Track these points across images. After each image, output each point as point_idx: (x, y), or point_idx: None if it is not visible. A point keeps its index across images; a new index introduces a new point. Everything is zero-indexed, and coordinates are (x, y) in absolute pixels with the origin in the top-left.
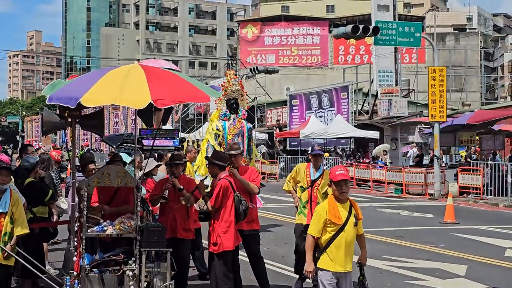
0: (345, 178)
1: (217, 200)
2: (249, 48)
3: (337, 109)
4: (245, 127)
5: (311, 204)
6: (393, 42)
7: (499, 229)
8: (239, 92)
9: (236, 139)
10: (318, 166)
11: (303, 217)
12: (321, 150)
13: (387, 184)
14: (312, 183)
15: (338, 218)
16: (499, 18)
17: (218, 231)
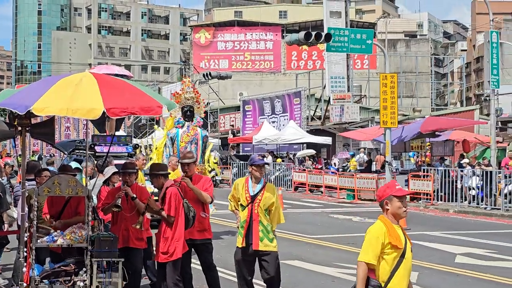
0: (407, 193)
1: (171, 208)
2: (202, 53)
3: (290, 114)
4: (200, 134)
5: (250, 223)
6: (345, 49)
7: (449, 235)
8: (193, 99)
9: (189, 147)
10: (258, 179)
11: (240, 238)
12: (262, 159)
13: (339, 189)
14: (252, 199)
15: (399, 241)
16: (449, 24)
17: (171, 239)
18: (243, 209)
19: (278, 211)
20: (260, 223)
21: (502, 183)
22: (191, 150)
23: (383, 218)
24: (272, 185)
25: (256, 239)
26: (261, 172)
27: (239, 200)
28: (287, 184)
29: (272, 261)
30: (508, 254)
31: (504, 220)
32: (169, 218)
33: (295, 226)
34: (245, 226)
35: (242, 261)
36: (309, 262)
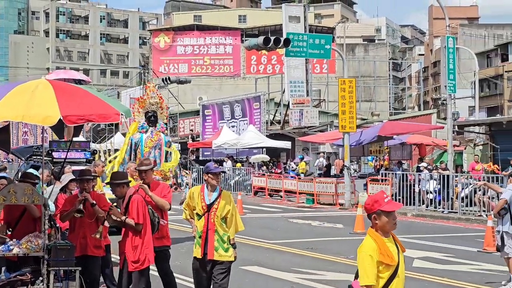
0: (398, 208)
1: (139, 216)
2: (162, 57)
3: (249, 119)
4: (163, 140)
5: (207, 233)
6: (304, 54)
7: (407, 238)
8: (158, 104)
9: (153, 152)
10: (214, 187)
11: (198, 248)
12: (218, 167)
13: (298, 194)
14: (209, 208)
15: (391, 258)
16: (407, 29)
17: (141, 247)
18: (199, 218)
19: (235, 219)
20: (216, 232)
21: (459, 186)
22: (148, 157)
23: (372, 233)
24: (228, 193)
25: (211, 248)
26: (217, 180)
27: (194, 209)
28: (246, 189)
29: (224, 272)
30: (465, 258)
31: (461, 223)
32: (137, 226)
33: (255, 231)
34: (202, 236)
35: (200, 271)
36: (268, 267)
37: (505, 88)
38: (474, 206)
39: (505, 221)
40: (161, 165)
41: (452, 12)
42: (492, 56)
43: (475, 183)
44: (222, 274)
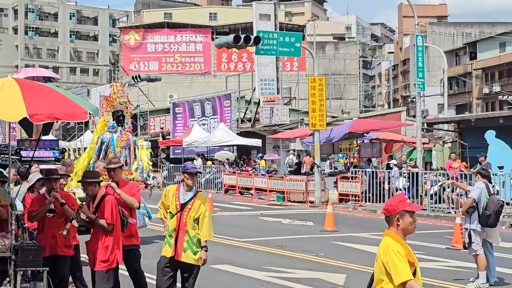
0: (420, 208)
1: (112, 217)
2: (132, 55)
3: (220, 117)
4: (131, 139)
5: (178, 233)
6: (274, 52)
7: (377, 236)
8: (126, 104)
9: (123, 152)
10: (190, 187)
11: (168, 248)
12: (195, 167)
13: (269, 192)
14: (182, 208)
15: (415, 258)
16: (377, 27)
17: (111, 247)
18: (172, 217)
19: (207, 222)
20: (187, 233)
21: (428, 184)
22: (120, 157)
23: (393, 234)
24: (203, 195)
25: (180, 249)
26: (193, 180)
27: (168, 208)
28: (217, 187)
29: (190, 275)
30: (434, 255)
31: (430, 220)
32: (109, 227)
33: (225, 230)
34: (173, 235)
35: (165, 271)
36: (239, 266)
37: (473, 86)
38: (443, 203)
39: (472, 219)
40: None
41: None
42: (460, 54)
43: (443, 181)
44: (189, 278)
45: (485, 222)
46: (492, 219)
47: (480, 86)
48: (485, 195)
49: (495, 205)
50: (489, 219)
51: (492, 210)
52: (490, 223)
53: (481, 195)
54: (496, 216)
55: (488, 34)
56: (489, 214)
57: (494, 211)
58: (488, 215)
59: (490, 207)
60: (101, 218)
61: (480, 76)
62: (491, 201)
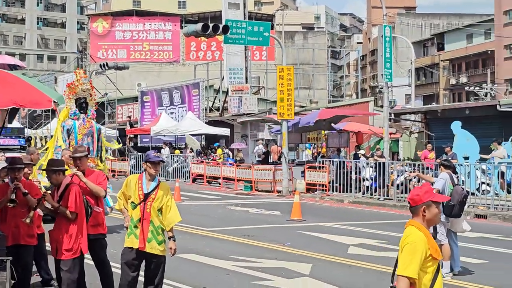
0: (448, 199)
1: (77, 206)
2: (100, 43)
3: (188, 105)
4: (95, 127)
5: (142, 223)
6: (243, 41)
7: (343, 225)
8: (89, 91)
9: (86, 139)
10: (153, 177)
11: (133, 238)
12: (158, 156)
13: (237, 181)
14: (145, 198)
15: (438, 252)
16: (346, 17)
17: (75, 236)
18: (135, 207)
19: (171, 210)
20: (151, 223)
21: (395, 174)
22: (82, 144)
23: (418, 225)
24: (166, 184)
25: (144, 239)
26: (156, 170)
27: (129, 198)
28: (185, 176)
29: (155, 266)
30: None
31: (396, 210)
32: (72, 215)
33: (192, 219)
34: (138, 225)
35: (130, 263)
36: (204, 255)
37: (440, 77)
38: (409, 193)
39: None
40: (94, 153)
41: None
42: (428, 45)
43: (408, 173)
44: (155, 269)
45: (449, 213)
46: (456, 209)
47: (447, 77)
48: (449, 185)
49: (459, 196)
50: (453, 210)
51: (456, 200)
52: (454, 213)
53: (445, 186)
54: (460, 206)
55: (455, 25)
56: (453, 204)
57: (458, 201)
58: (452, 206)
59: (454, 198)
60: (65, 206)
61: (447, 67)
62: (455, 192)
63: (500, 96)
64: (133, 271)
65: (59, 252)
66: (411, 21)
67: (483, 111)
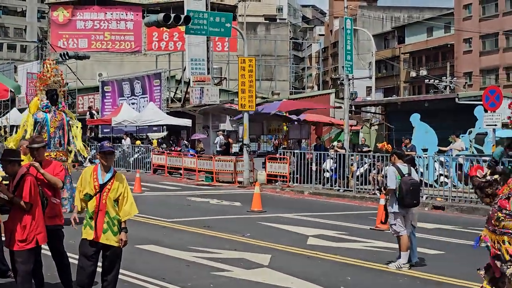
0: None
1: (31, 196)
2: (61, 32)
3: (149, 96)
4: (65, 119)
5: (97, 214)
6: (205, 32)
7: (303, 216)
8: (60, 83)
9: (58, 132)
10: (108, 168)
11: (89, 230)
12: (110, 147)
13: (198, 172)
14: (101, 188)
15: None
16: (308, 9)
17: (29, 227)
18: (90, 198)
19: (127, 201)
20: (107, 214)
21: (355, 165)
22: (39, 135)
23: None
24: (121, 175)
25: (100, 230)
26: (107, 160)
27: (82, 191)
28: (146, 167)
29: (111, 257)
30: (357, 235)
31: (356, 201)
32: (26, 206)
33: (153, 210)
34: (94, 216)
35: (87, 254)
36: (164, 246)
37: (401, 70)
38: (368, 184)
39: (392, 202)
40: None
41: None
42: (389, 38)
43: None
44: (111, 260)
45: (403, 204)
46: (407, 200)
47: (408, 70)
48: (397, 177)
49: (407, 185)
50: (404, 200)
51: (405, 190)
52: (407, 203)
53: (395, 180)
54: (411, 195)
55: (416, 18)
56: (402, 196)
57: (407, 191)
58: (402, 197)
59: (402, 188)
60: (19, 197)
61: (407, 60)
62: (403, 182)
63: (459, 89)
64: (91, 264)
65: (12, 243)
66: (372, 14)
67: (442, 104)
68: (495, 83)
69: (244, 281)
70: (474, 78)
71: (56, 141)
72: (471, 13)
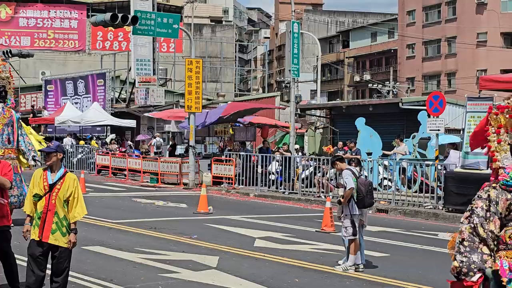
0: None
1: None
2: (3, 29)
3: (93, 96)
4: (14, 116)
5: (46, 214)
6: (152, 32)
7: (249, 219)
8: (8, 79)
9: (6, 130)
10: (54, 167)
11: (36, 229)
12: (51, 147)
13: (142, 173)
14: (50, 189)
15: None
16: (254, 12)
17: None
18: (39, 199)
19: (77, 202)
20: (56, 214)
21: (300, 168)
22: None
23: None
24: (72, 175)
25: (48, 231)
26: (49, 160)
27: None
28: (90, 167)
29: (60, 258)
30: (304, 238)
31: (301, 204)
32: None
33: (97, 211)
34: (42, 216)
35: (35, 255)
36: (111, 247)
37: (345, 74)
38: (313, 187)
39: (352, 205)
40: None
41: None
42: (334, 42)
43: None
44: (60, 261)
45: (363, 205)
46: (368, 200)
47: (352, 74)
48: (353, 179)
49: (365, 186)
50: (365, 201)
51: (364, 191)
52: (367, 203)
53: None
54: (370, 195)
55: (360, 23)
56: (363, 196)
57: (366, 191)
58: (362, 197)
59: (361, 190)
60: None
61: (352, 64)
62: (361, 183)
63: (402, 94)
64: (39, 265)
65: None
66: (317, 18)
67: (386, 108)
68: (437, 89)
69: (193, 283)
70: (416, 84)
71: (5, 138)
72: (414, 19)
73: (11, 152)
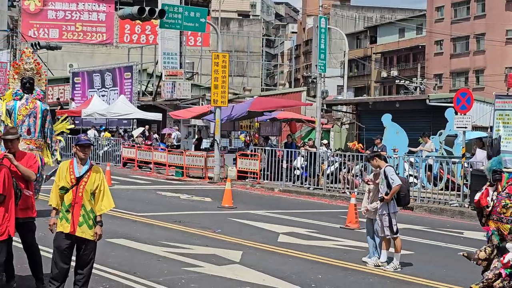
0: None
1: (4, 188)
2: (32, 21)
3: (120, 89)
4: (39, 107)
5: (74, 207)
6: (179, 26)
7: (274, 214)
8: (33, 71)
9: (27, 120)
10: (84, 160)
11: (65, 223)
12: (87, 140)
13: (168, 166)
14: (77, 181)
15: None
16: (281, 6)
17: (2, 219)
18: (67, 191)
19: (104, 195)
20: (83, 207)
21: (325, 164)
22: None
23: None
24: (98, 168)
25: (75, 223)
26: (84, 153)
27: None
28: (115, 160)
29: (86, 251)
30: (328, 234)
31: (326, 200)
32: (0, 197)
33: (122, 203)
34: (70, 209)
35: (62, 247)
36: (135, 240)
37: (372, 69)
38: (338, 183)
39: (391, 203)
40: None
41: None
42: (361, 37)
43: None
44: (85, 254)
45: (403, 203)
46: (408, 198)
47: (379, 70)
48: None
49: (406, 184)
50: (405, 199)
51: (406, 189)
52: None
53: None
54: (408, 193)
55: (388, 19)
56: (404, 194)
57: (407, 189)
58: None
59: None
60: None
61: (379, 60)
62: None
63: (429, 90)
64: (65, 257)
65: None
66: (345, 13)
67: (413, 105)
68: (465, 86)
69: (216, 277)
70: (444, 80)
71: (24, 129)
72: (443, 15)
73: (29, 143)
